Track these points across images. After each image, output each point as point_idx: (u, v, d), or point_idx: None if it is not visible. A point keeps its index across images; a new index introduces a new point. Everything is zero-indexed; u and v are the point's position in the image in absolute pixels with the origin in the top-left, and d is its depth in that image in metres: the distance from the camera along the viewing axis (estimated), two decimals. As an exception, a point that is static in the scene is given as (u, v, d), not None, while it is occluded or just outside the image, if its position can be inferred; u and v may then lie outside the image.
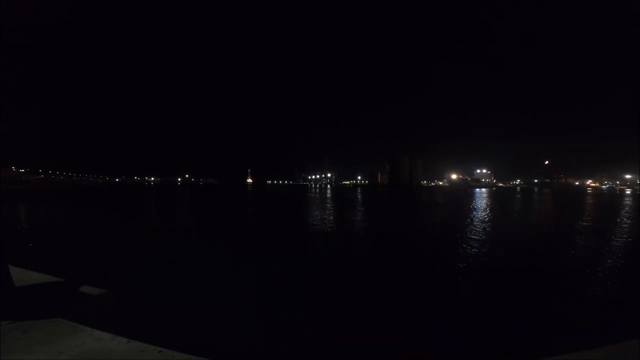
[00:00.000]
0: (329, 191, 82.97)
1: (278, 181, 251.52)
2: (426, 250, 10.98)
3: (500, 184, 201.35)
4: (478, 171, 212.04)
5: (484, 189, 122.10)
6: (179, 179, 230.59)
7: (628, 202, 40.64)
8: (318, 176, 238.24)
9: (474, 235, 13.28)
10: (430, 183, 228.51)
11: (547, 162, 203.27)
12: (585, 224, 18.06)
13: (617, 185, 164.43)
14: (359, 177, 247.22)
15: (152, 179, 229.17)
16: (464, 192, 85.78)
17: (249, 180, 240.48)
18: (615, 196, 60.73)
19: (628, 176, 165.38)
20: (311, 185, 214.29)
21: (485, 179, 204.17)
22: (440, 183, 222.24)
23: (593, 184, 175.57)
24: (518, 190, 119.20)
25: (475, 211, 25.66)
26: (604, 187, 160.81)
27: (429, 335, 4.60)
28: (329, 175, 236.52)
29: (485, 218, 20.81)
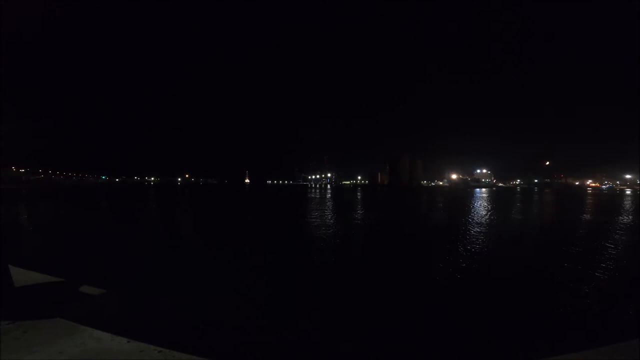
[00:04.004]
0: (329, 191, 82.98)
1: (278, 181, 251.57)
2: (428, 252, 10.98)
3: (500, 184, 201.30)
4: (478, 171, 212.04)
5: (484, 189, 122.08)
6: (179, 179, 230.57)
7: (629, 202, 40.62)
8: (318, 176, 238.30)
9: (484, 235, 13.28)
10: (431, 183, 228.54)
11: (547, 163, 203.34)
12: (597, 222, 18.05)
13: (617, 185, 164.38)
14: (359, 177, 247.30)
15: (152, 179, 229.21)
16: (464, 191, 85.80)
17: (247, 181, 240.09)
18: (616, 196, 60.68)
19: (628, 176, 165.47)
20: (311, 185, 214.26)
21: (485, 179, 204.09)
22: (441, 183, 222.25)
23: (593, 184, 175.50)
24: (518, 190, 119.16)
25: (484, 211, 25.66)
26: (604, 187, 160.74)
27: (428, 335, 4.60)
28: (329, 175, 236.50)
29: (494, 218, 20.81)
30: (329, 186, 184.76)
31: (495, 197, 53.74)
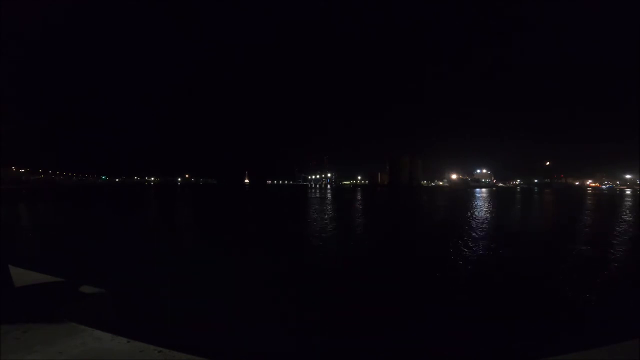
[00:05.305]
0: (328, 192, 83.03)
1: (278, 181, 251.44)
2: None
3: (500, 184, 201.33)
4: (478, 171, 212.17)
5: (484, 189, 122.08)
6: (179, 179, 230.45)
7: (630, 202, 40.67)
8: (318, 176, 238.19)
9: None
10: (430, 183, 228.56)
11: (547, 163, 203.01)
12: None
13: (617, 185, 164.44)
14: (359, 177, 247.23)
15: (152, 179, 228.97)
16: (465, 192, 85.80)
17: (246, 181, 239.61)
18: (618, 196, 60.68)
19: (628, 176, 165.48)
20: (311, 185, 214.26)
21: (485, 179, 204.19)
22: (440, 183, 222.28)
23: (593, 184, 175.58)
24: (518, 190, 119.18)
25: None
26: (604, 187, 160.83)
27: (429, 335, 4.60)
28: (329, 175, 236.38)
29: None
30: (329, 186, 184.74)
31: (500, 198, 53.66)
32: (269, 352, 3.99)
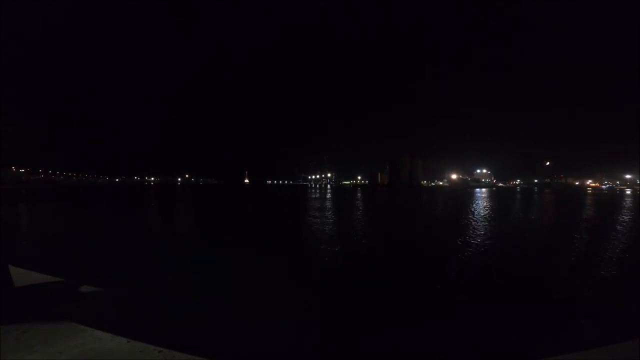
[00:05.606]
0: (328, 192, 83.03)
1: (278, 181, 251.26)
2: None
3: (500, 184, 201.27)
4: (478, 171, 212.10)
5: (484, 189, 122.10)
6: (179, 179, 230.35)
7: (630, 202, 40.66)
8: (318, 176, 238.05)
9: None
10: (430, 183, 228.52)
11: (547, 163, 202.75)
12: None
13: (617, 185, 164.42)
14: (359, 177, 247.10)
15: (152, 179, 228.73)
16: (464, 192, 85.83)
17: (246, 181, 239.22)
18: (618, 196, 60.66)
19: (628, 176, 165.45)
20: (311, 185, 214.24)
21: (485, 179, 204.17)
22: (440, 183, 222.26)
23: (593, 184, 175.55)
24: (519, 190, 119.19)
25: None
26: (604, 187, 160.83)
27: (428, 335, 4.60)
28: (329, 175, 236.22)
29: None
30: (329, 186, 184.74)
31: (500, 198, 53.61)
32: (269, 352, 3.99)
